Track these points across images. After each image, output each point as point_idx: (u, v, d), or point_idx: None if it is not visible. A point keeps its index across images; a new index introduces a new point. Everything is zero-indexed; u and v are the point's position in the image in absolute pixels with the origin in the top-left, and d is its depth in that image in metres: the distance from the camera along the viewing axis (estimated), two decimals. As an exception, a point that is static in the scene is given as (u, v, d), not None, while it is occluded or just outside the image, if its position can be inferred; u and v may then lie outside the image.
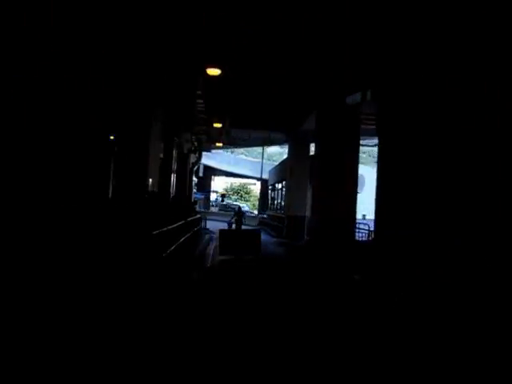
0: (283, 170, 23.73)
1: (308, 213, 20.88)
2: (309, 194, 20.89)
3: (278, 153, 68.96)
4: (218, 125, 17.82)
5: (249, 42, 10.32)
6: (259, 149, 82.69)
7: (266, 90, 15.33)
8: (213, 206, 50.17)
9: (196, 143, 24.61)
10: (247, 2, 8.35)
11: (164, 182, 19.22)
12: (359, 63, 10.81)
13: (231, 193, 69.30)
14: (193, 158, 25.18)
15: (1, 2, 4.39)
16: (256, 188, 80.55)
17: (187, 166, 24.32)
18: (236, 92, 15.94)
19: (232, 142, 24.82)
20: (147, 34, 9.45)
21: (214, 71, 10.50)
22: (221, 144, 23.27)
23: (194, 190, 50.19)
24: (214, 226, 26.77)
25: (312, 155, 21.47)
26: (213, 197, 52.80)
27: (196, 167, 25.20)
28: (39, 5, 4.85)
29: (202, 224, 22.93)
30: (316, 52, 10.85)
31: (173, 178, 22.26)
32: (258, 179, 41.90)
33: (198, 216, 19.43)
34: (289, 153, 21.85)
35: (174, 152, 20.92)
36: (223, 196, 52.82)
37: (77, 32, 5.84)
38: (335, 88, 13.02)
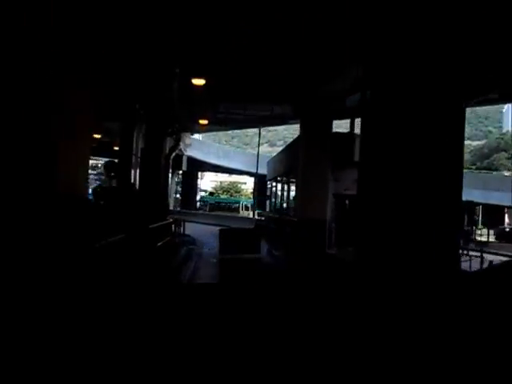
0: (290, 159, 17.32)
1: (329, 215, 14.58)
2: (331, 188, 14.57)
3: (267, 151, 62.66)
4: (199, 81, 11.44)
5: None
6: (249, 148, 76.69)
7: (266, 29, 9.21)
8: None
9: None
10: None
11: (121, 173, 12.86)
12: None
13: (221, 191, 63.06)
14: (169, 143, 18.71)
15: None
16: (247, 187, 74.68)
17: (161, 153, 17.86)
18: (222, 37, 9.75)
19: (220, 121, 18.43)
20: None
21: None
22: (205, 121, 16.87)
23: (180, 189, 43.84)
24: (200, 231, 20.39)
25: (335, 133, 15.12)
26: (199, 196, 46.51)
27: (174, 154, 18.73)
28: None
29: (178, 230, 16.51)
30: None
31: (138, 168, 15.82)
32: (251, 175, 35.44)
33: (169, 221, 13.05)
34: (301, 133, 15.51)
35: (136, 133, 14.40)
36: (212, 195, 46.61)
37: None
38: None
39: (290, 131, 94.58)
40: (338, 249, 14.56)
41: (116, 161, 14.20)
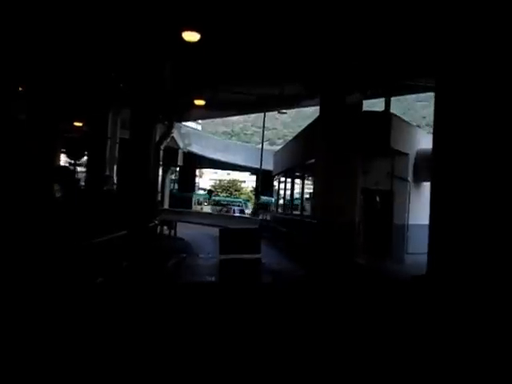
0: (306, 147, 14.18)
1: (358, 215, 11.46)
2: (360, 183, 11.45)
3: (267, 150, 59.38)
4: (192, 37, 8.33)
5: None
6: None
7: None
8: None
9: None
10: None
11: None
12: None
13: (220, 190, 60.10)
14: (160, 131, 15.58)
15: None
16: (246, 185, 71.58)
17: (149, 142, 14.74)
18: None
19: (220, 104, 15.29)
20: None
21: None
22: (202, 102, 13.68)
23: (176, 187, 40.70)
24: (196, 233, 17.30)
25: (366, 112, 11.97)
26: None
27: (165, 143, 15.59)
28: None
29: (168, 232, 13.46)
30: None
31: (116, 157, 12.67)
32: (254, 171, 32.32)
33: (153, 223, 10.07)
34: (321, 114, 12.37)
35: (113, 114, 11.20)
36: (210, 193, 43.51)
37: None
38: None
39: (290, 130, 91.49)
40: (368, 258, 11.48)
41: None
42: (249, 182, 71.80)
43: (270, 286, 8.27)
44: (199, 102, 13.60)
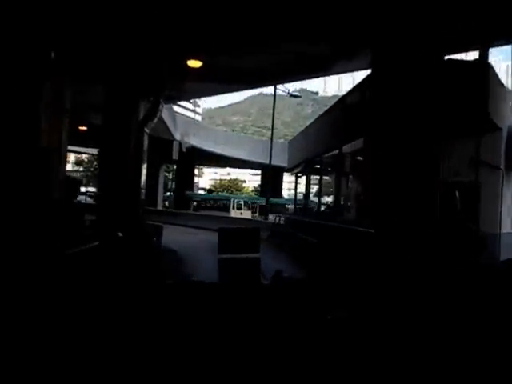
0: (348, 124, 10.24)
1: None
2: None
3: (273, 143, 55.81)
4: None
5: None
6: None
7: None
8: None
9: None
10: None
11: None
12: None
13: (220, 190, 56.51)
14: (144, 108, 11.61)
15: None
16: (247, 185, 67.72)
17: (129, 124, 10.79)
18: None
19: (222, 70, 11.20)
20: None
21: None
22: (199, 63, 9.54)
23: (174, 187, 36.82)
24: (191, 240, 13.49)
25: (450, 62, 7.97)
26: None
27: (151, 124, 11.60)
28: None
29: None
30: None
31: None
32: (260, 166, 28.33)
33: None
34: (373, 74, 8.37)
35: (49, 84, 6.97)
36: (210, 192, 39.85)
37: None
38: None
39: (290, 129, 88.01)
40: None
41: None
42: (250, 181, 67.96)
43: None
44: (195, 63, 9.62)
